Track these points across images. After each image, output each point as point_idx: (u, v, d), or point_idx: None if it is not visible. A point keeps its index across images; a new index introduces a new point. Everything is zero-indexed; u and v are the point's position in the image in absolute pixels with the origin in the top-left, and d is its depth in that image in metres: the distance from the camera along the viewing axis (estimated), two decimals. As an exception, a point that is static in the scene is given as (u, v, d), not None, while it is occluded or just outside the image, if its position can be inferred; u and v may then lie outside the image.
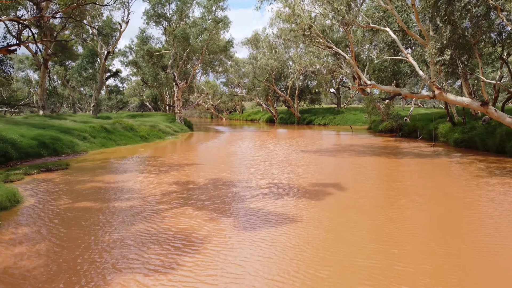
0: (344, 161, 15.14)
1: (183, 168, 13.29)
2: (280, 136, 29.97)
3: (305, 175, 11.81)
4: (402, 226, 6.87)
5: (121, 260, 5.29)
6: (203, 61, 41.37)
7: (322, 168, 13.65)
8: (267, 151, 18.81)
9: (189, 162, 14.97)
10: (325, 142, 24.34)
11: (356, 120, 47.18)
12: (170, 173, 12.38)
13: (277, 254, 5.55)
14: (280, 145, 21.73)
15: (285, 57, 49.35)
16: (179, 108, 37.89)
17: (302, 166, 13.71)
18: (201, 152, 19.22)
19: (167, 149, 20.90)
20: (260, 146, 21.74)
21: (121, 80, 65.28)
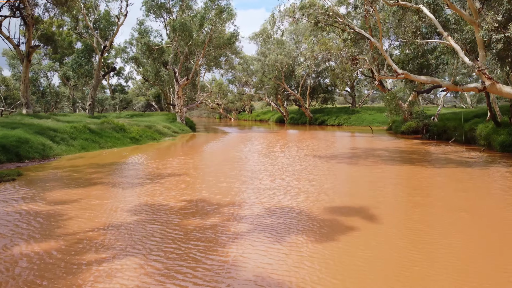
0: (368, 172, 11.83)
1: (158, 182, 10.16)
2: (289, 138, 26.70)
3: (319, 196, 8.55)
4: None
5: None
6: (207, 56, 38.33)
7: (341, 182, 10.37)
8: (273, 157, 15.57)
9: (171, 172, 11.83)
10: (341, 145, 21.02)
11: (373, 121, 43.61)
12: (136, 190, 9.25)
13: None
14: (289, 150, 18.49)
15: (295, 53, 46.01)
16: (180, 107, 34.90)
17: (314, 180, 10.44)
18: (193, 158, 16.09)
19: (154, 154, 17.81)
20: (265, 150, 18.52)
21: (125, 79, 62.68)
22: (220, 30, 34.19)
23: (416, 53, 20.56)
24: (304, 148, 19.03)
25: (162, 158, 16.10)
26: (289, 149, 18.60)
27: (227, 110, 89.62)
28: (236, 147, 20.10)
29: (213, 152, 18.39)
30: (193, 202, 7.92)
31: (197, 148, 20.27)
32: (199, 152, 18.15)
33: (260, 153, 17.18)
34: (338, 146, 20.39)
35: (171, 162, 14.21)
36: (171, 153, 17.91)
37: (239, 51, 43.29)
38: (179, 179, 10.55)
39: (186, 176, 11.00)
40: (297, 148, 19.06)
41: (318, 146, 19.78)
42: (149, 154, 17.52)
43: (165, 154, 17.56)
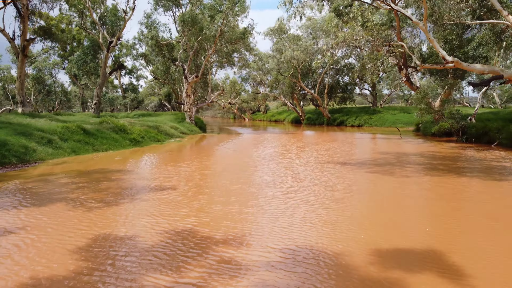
0: (412, 187, 9.22)
1: (133, 201, 7.78)
2: (307, 140, 24.10)
3: (351, 229, 5.97)
4: None
5: None
6: (218, 52, 36.01)
7: (380, 205, 7.78)
8: (287, 165, 13.03)
9: (157, 185, 9.46)
10: (367, 149, 18.34)
11: (396, 121, 40.58)
12: (97, 214, 6.86)
13: None
14: (306, 155, 15.93)
15: (313, 49, 43.30)
16: (189, 106, 32.66)
17: (341, 200, 7.88)
18: (192, 165, 13.70)
19: (151, 159, 15.49)
20: (279, 155, 16.01)
21: (137, 78, 60.95)
22: (232, 24, 31.85)
23: (459, 41, 17.67)
24: (324, 153, 16.44)
25: (157, 164, 13.76)
26: (307, 154, 16.04)
27: (241, 110, 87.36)
28: (246, 151, 17.65)
29: (218, 157, 15.98)
30: (165, 241, 5.47)
31: (202, 152, 17.88)
32: (203, 157, 15.75)
33: (273, 159, 14.68)
34: (363, 150, 17.72)
35: (164, 171, 11.84)
36: (170, 158, 15.57)
37: (253, 47, 40.81)
38: (162, 197, 8.13)
39: (174, 193, 8.58)
40: (316, 152, 16.48)
41: (340, 151, 17.16)
42: (144, 159, 15.22)
43: (162, 159, 15.22)
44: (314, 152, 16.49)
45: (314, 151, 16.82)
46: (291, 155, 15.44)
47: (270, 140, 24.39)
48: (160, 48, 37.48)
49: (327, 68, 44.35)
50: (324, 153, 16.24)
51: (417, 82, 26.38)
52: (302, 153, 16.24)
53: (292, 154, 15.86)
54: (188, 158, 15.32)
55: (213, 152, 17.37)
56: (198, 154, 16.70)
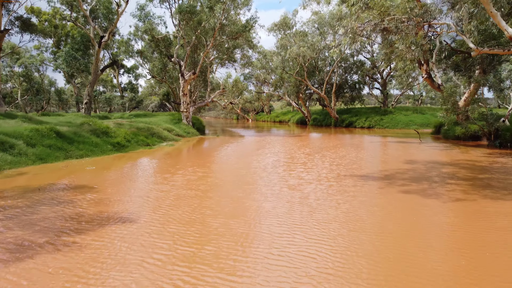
0: (478, 217, 6.47)
1: (64, 243, 5.09)
2: (314, 145, 21.35)
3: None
4: None
5: None
6: (218, 47, 33.34)
7: (443, 259, 5.02)
8: (293, 180, 10.27)
9: (113, 212, 6.75)
10: (388, 156, 15.54)
11: (409, 122, 37.75)
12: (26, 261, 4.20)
13: None
14: (316, 165, 13.18)
15: (320, 45, 40.50)
16: (185, 106, 30.00)
17: (376, 254, 5.14)
18: (172, 180, 11.01)
19: (128, 169, 12.75)
20: (283, 166, 13.28)
21: (136, 77, 58.37)
22: (234, 18, 29.21)
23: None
24: (338, 161, 13.70)
25: (130, 177, 11.04)
26: (317, 164, 13.29)
27: (244, 110, 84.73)
28: (244, 160, 14.93)
29: (209, 168, 13.26)
30: None
31: (192, 161, 15.15)
32: (190, 168, 13.04)
33: (275, 171, 11.96)
34: (384, 157, 14.93)
35: (131, 189, 9.14)
36: (150, 169, 12.86)
37: (256, 43, 38.12)
38: (122, 229, 5.43)
39: (127, 226, 5.88)
40: (328, 162, 13.74)
41: (357, 158, 14.40)
42: (119, 170, 12.51)
43: (141, 170, 12.51)
44: (325, 161, 13.74)
45: (326, 160, 14.06)
46: (298, 166, 12.69)
47: (273, 144, 21.67)
48: (156, 44, 34.87)
49: (335, 66, 41.56)
50: (338, 162, 13.50)
51: (438, 79, 23.54)
52: (311, 163, 13.50)
53: (298, 164, 13.11)
54: (172, 170, 12.62)
55: (205, 161, 14.66)
56: (186, 164, 13.99)
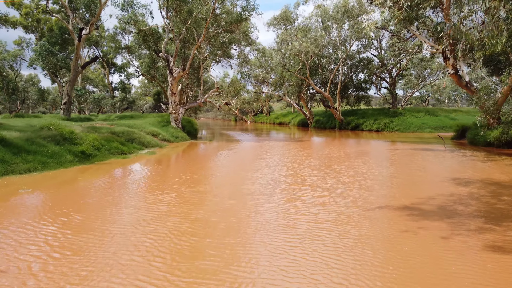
0: None
1: None
2: (321, 154, 17.96)
3: None
4: None
5: None
6: (212, 41, 29.97)
7: None
8: (300, 225, 6.87)
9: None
10: (421, 172, 12.11)
11: (422, 125, 34.40)
12: None
13: None
14: (329, 188, 9.78)
15: (324, 41, 37.13)
16: (174, 107, 26.60)
17: None
18: (126, 208, 7.65)
19: (76, 192, 9.23)
20: (286, 189, 9.89)
21: (127, 76, 54.93)
22: (230, 8, 25.86)
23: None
24: (359, 181, 10.32)
25: (71, 207, 7.59)
26: (330, 185, 9.88)
27: (243, 111, 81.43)
28: (235, 178, 11.50)
29: (189, 191, 9.83)
30: None
31: (167, 178, 11.64)
32: (159, 191, 9.64)
33: (276, 197, 8.57)
34: (420, 175, 11.50)
35: (66, 234, 5.76)
36: (110, 191, 9.40)
37: (254, 39, 34.78)
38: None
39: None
40: (346, 182, 10.35)
41: (383, 176, 11.02)
42: (62, 194, 9.05)
43: (96, 194, 9.02)
44: (342, 182, 10.34)
45: (342, 179, 10.64)
46: (305, 191, 9.28)
47: (273, 152, 18.29)
48: (144, 38, 31.48)
49: (340, 63, 38.19)
50: (361, 183, 10.10)
51: (465, 76, 20.21)
52: (322, 183, 10.10)
53: (305, 187, 9.68)
54: (139, 193, 9.21)
55: (184, 180, 11.21)
56: (160, 182, 10.56)
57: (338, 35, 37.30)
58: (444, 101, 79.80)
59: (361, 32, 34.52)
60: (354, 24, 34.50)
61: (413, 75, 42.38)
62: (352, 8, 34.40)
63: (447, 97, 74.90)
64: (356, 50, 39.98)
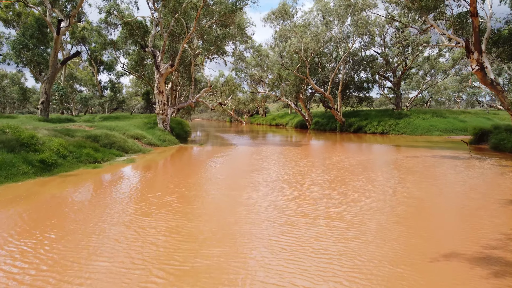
0: None
1: None
2: (326, 163, 15.48)
3: None
4: None
5: None
6: (204, 35, 27.44)
7: None
8: (318, 281, 4.40)
9: None
10: (455, 185, 9.65)
11: (430, 128, 32.04)
12: None
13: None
14: (346, 211, 7.29)
15: (325, 37, 34.71)
16: (161, 107, 24.01)
17: None
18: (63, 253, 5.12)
19: (13, 219, 6.68)
20: (288, 223, 7.35)
21: (117, 75, 52.21)
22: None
23: None
24: (387, 203, 7.86)
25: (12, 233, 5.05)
26: (352, 211, 7.40)
27: (238, 112, 78.93)
28: (223, 199, 8.99)
29: (158, 221, 7.29)
30: None
31: (137, 199, 9.04)
32: (118, 223, 7.11)
33: (277, 240, 6.08)
34: (465, 192, 9.03)
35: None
36: (53, 219, 6.81)
37: (250, 34, 32.25)
38: None
39: None
40: (370, 204, 7.88)
41: (413, 196, 8.55)
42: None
43: (35, 223, 6.46)
44: (368, 208, 7.83)
45: (366, 203, 8.13)
46: (320, 224, 6.76)
47: (271, 160, 15.77)
48: (130, 32, 28.85)
49: (341, 62, 35.74)
50: (394, 210, 7.61)
51: (490, 73, 17.82)
52: (342, 211, 7.58)
53: (320, 219, 7.15)
54: (92, 225, 6.65)
55: (158, 204, 8.65)
56: (120, 212, 8.00)
57: (340, 31, 34.88)
58: (444, 102, 77.73)
59: (365, 27, 32.14)
60: (357, 19, 32.09)
61: (419, 74, 40.01)
62: (355, 2, 32.00)
63: (447, 98, 72.84)
64: (358, 47, 37.59)
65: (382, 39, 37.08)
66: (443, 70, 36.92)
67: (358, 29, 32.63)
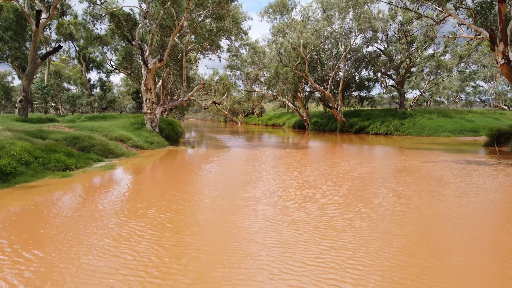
0: None
1: None
2: (336, 171, 13.52)
3: None
4: None
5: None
6: (197, 28, 25.40)
7: None
8: None
9: None
10: (505, 204, 7.75)
11: (438, 128, 30.20)
12: None
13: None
14: (372, 248, 5.33)
15: (326, 32, 32.77)
16: (150, 105, 21.94)
17: None
18: None
19: None
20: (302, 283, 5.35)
21: (107, 73, 49.98)
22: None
23: None
24: (439, 236, 5.91)
25: None
26: (389, 252, 5.48)
27: (233, 112, 76.87)
28: (217, 230, 7.00)
29: (129, 253, 5.31)
30: None
31: (102, 227, 7.11)
32: (75, 257, 5.10)
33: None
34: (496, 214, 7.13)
35: None
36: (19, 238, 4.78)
37: (246, 29, 30.23)
38: None
39: None
40: (411, 236, 5.96)
41: (466, 219, 6.62)
42: None
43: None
44: (409, 247, 5.88)
45: (405, 239, 6.18)
46: (349, 279, 4.82)
47: (270, 167, 13.79)
48: (117, 25, 26.78)
49: (342, 59, 33.80)
50: (460, 254, 5.66)
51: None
52: (374, 251, 5.64)
53: (347, 272, 5.21)
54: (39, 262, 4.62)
55: (135, 225, 6.62)
56: (81, 245, 5.98)
57: (341, 26, 32.95)
58: (443, 102, 76.08)
59: (368, 21, 30.24)
60: (360, 13, 30.17)
61: (424, 71, 38.16)
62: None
63: (446, 98, 71.17)
64: (360, 43, 35.68)
65: (385, 35, 35.20)
66: (448, 68, 35.07)
67: (360, 24, 30.72)
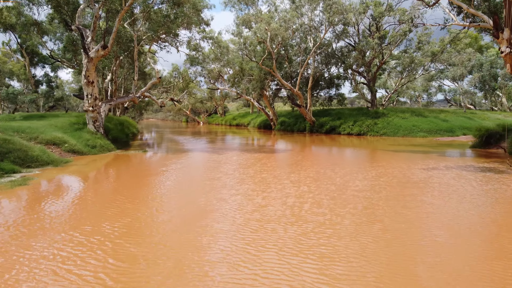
0: None
1: None
2: (320, 184, 10.84)
3: None
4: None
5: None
6: (151, 15, 22.02)
7: None
8: None
9: None
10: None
11: (413, 128, 28.49)
12: None
13: None
14: None
15: (295, 24, 30.28)
16: (92, 102, 18.34)
17: None
18: None
19: None
20: None
21: (53, 68, 44.94)
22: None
23: None
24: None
25: None
26: None
27: (195, 112, 73.27)
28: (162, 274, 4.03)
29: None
30: None
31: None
32: None
33: None
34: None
35: None
36: None
37: (208, 19, 27.14)
38: None
39: None
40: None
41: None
42: None
43: None
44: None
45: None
46: None
47: (239, 182, 10.89)
48: (56, 9, 22.86)
49: (312, 54, 31.45)
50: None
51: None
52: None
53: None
54: None
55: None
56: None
57: (311, 18, 30.58)
58: (406, 102, 76.15)
59: (341, 13, 28.04)
60: (332, 3, 27.90)
61: (397, 69, 36.61)
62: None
63: (409, 97, 71.12)
64: (331, 37, 33.48)
65: (356, 30, 33.21)
66: (422, 64, 33.62)
67: (331, 15, 28.45)
